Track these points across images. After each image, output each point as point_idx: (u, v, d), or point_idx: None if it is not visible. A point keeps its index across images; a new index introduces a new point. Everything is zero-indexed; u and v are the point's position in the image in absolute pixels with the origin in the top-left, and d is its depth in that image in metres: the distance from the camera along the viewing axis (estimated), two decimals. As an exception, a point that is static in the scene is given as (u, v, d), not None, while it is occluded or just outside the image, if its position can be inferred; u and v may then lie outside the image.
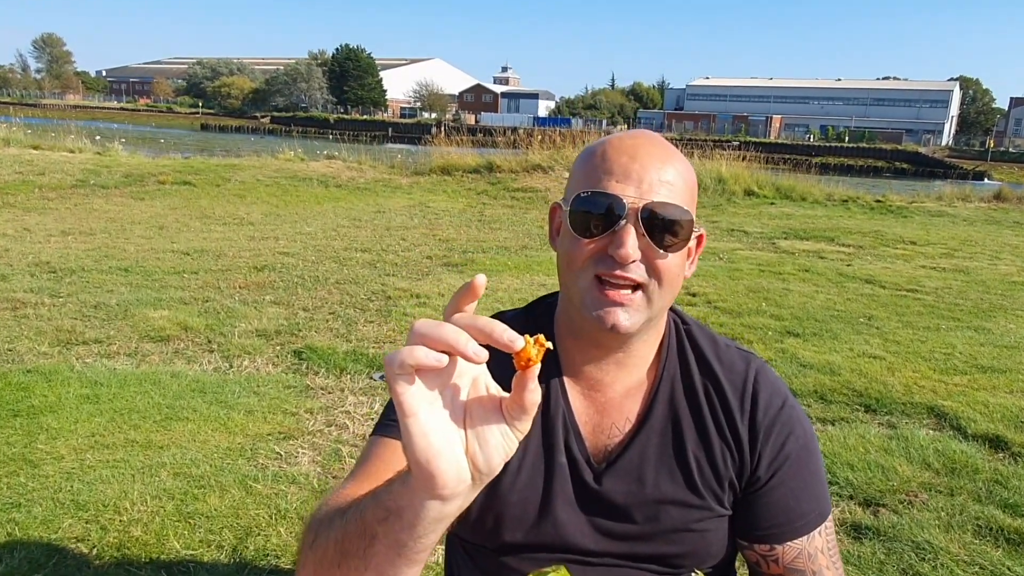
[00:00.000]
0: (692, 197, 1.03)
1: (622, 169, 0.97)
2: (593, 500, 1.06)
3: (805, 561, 1.06)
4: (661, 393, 1.08)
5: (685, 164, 1.03)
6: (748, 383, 1.08)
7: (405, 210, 10.01)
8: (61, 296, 5.04)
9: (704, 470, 1.06)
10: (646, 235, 0.96)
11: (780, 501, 1.06)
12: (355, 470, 1.06)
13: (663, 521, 1.05)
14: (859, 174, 26.64)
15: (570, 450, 1.07)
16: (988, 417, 3.40)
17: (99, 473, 2.66)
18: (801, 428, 1.09)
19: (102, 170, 11.42)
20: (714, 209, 11.14)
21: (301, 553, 0.90)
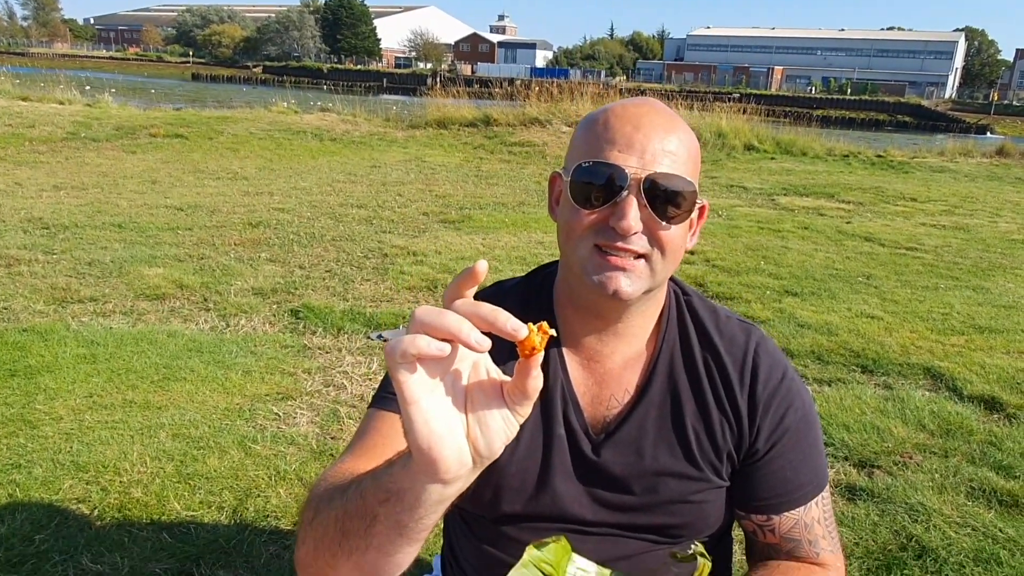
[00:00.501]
0: (695, 167, 1.01)
1: (625, 138, 0.95)
2: (591, 471, 1.06)
3: (801, 531, 1.07)
4: (660, 365, 1.07)
5: (689, 133, 1.00)
6: (748, 356, 1.08)
7: (401, 165, 9.89)
8: (55, 253, 5.00)
9: (703, 442, 1.06)
10: (648, 206, 0.94)
11: (778, 473, 1.06)
12: (354, 443, 1.05)
13: (661, 493, 1.06)
14: (861, 127, 26.35)
15: (568, 421, 1.06)
16: (984, 378, 3.42)
17: (98, 434, 2.66)
18: (800, 400, 1.09)
19: (93, 122, 11.22)
20: (713, 164, 11.03)
21: (301, 529, 0.90)
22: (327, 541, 0.83)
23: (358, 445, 1.03)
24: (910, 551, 2.15)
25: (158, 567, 1.97)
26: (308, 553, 0.87)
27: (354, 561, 0.82)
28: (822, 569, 1.07)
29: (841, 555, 1.12)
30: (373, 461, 0.93)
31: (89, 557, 2.00)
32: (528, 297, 1.13)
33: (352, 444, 1.05)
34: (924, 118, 33.66)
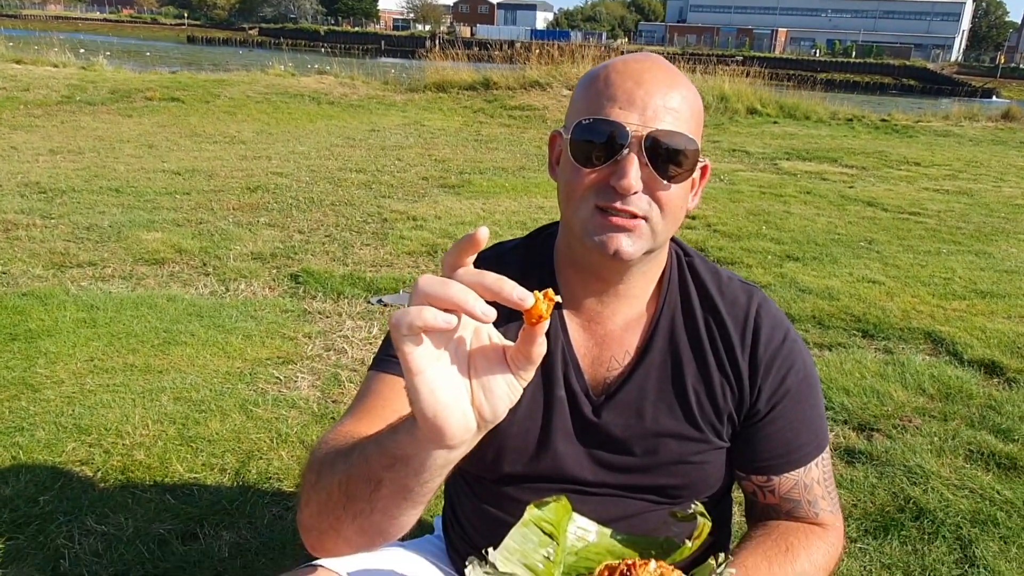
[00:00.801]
0: (698, 125, 0.99)
1: (626, 95, 0.93)
2: (592, 433, 1.06)
3: (801, 491, 1.08)
4: (661, 326, 1.07)
5: (692, 90, 0.98)
6: (750, 317, 1.07)
7: (400, 129, 9.78)
8: (53, 217, 4.97)
9: (703, 403, 1.05)
10: (649, 165, 0.92)
11: (779, 434, 1.06)
12: (355, 406, 1.05)
13: (662, 454, 1.06)
14: (865, 91, 26.03)
15: (569, 383, 1.06)
16: (985, 343, 3.42)
17: (100, 397, 2.67)
18: (802, 362, 1.08)
19: (88, 86, 11.07)
20: (716, 128, 10.92)
21: (304, 492, 0.90)
22: (331, 504, 0.84)
23: (359, 408, 1.03)
24: (908, 512, 2.17)
25: (162, 528, 1.99)
26: (312, 515, 0.87)
27: (359, 524, 0.83)
28: (821, 529, 1.08)
29: (840, 516, 1.12)
30: (374, 424, 0.94)
31: (93, 518, 2.02)
32: (528, 259, 1.12)
33: (353, 407, 1.05)
34: (929, 81, 33.23)
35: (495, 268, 1.11)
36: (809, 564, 1.02)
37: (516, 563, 0.90)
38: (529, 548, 0.92)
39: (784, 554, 1.02)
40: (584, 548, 0.97)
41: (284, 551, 1.92)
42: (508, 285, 0.65)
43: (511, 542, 0.90)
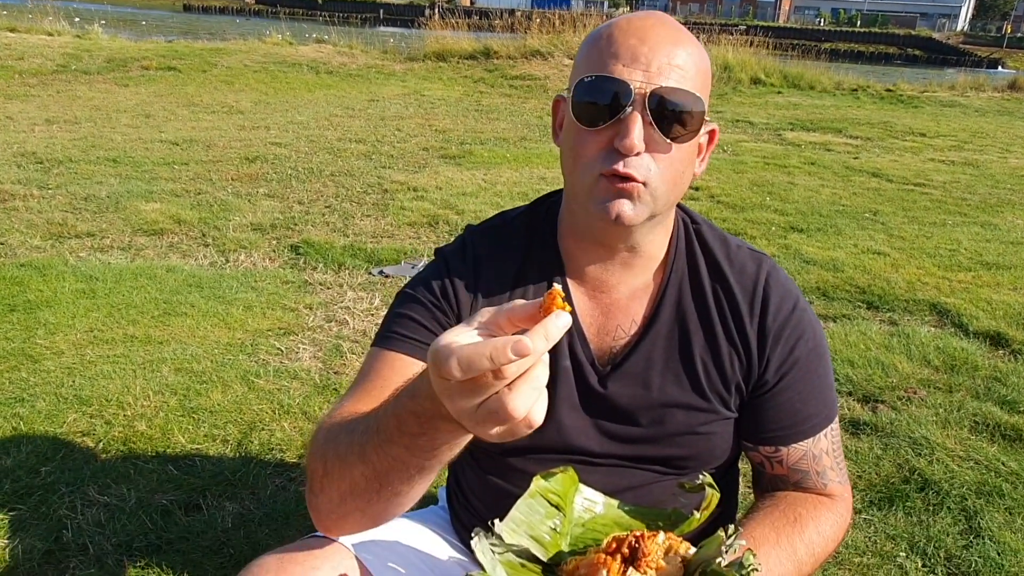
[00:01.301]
0: (705, 85, 0.95)
1: (630, 52, 0.89)
2: (598, 403, 1.04)
3: (809, 462, 1.06)
4: (668, 295, 1.04)
5: (699, 48, 0.95)
6: (759, 286, 1.04)
7: (399, 99, 9.67)
8: (50, 188, 4.92)
9: (711, 373, 1.04)
10: (653, 124, 0.89)
11: (787, 404, 1.04)
12: (357, 385, 1.02)
13: (668, 424, 1.04)
14: (870, 61, 25.72)
15: (574, 353, 1.04)
16: (990, 314, 3.40)
17: (100, 368, 2.65)
18: (811, 331, 1.06)
19: (83, 55, 10.92)
20: (719, 98, 10.79)
21: (315, 480, 0.88)
22: (358, 490, 0.83)
23: (361, 387, 1.00)
24: (913, 484, 2.16)
25: (164, 498, 1.98)
26: (331, 501, 0.86)
27: (391, 504, 0.84)
28: (830, 500, 1.06)
29: (848, 487, 1.11)
30: (376, 404, 0.91)
31: (96, 488, 2.01)
32: (532, 228, 1.10)
33: (355, 386, 1.03)
34: (935, 51, 32.82)
35: (501, 238, 1.09)
36: (817, 535, 1.01)
37: (523, 534, 0.89)
38: (536, 519, 0.91)
39: (792, 524, 1.00)
40: (591, 519, 0.96)
41: (287, 522, 1.92)
42: (519, 313, 0.63)
43: (517, 513, 0.89)
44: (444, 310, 1.03)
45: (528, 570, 0.87)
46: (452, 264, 1.07)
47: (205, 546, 1.82)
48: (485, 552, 0.83)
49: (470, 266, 1.06)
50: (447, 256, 1.09)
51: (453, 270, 1.06)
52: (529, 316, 0.62)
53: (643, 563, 0.79)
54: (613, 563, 0.80)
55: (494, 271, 1.06)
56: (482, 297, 1.04)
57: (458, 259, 1.07)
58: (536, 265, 1.06)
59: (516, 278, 1.06)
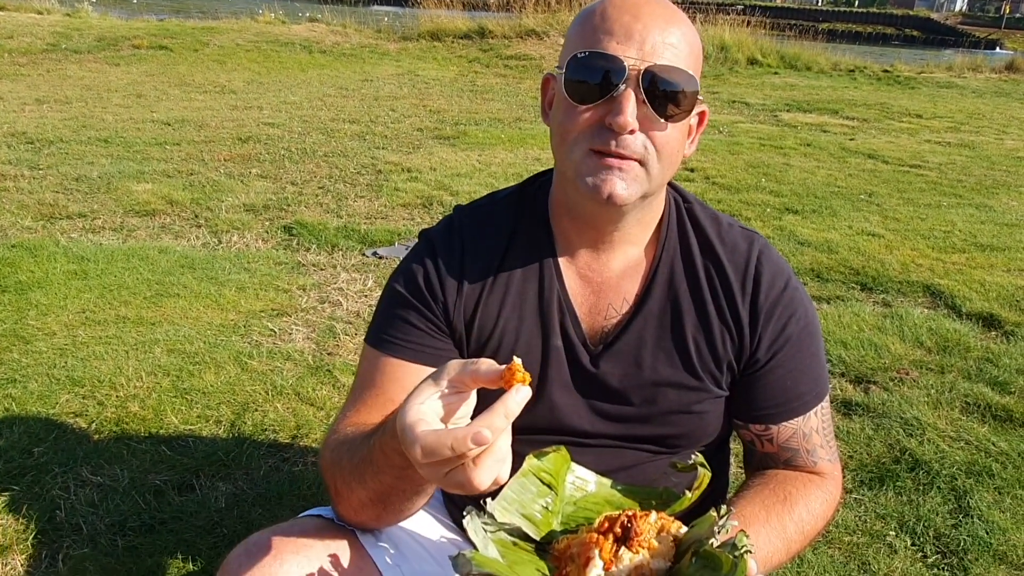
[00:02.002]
0: (697, 64, 0.94)
1: (623, 29, 0.89)
2: (590, 383, 1.05)
3: (799, 440, 1.06)
4: (660, 274, 1.04)
5: (691, 28, 0.94)
6: (751, 264, 1.04)
7: (393, 78, 9.59)
8: (41, 168, 4.87)
9: (703, 352, 1.04)
10: (647, 102, 0.88)
11: (778, 383, 1.05)
12: (357, 395, 1.04)
13: (660, 403, 1.04)
14: (867, 42, 25.59)
15: (566, 333, 1.04)
16: (983, 296, 3.41)
17: (92, 349, 2.64)
18: (803, 310, 1.06)
19: (73, 33, 10.78)
20: (715, 79, 10.73)
21: (332, 494, 0.96)
22: (368, 507, 0.92)
23: (360, 397, 1.02)
24: (903, 464, 2.18)
25: (158, 479, 1.98)
26: (351, 511, 0.95)
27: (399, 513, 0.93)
28: (820, 478, 1.07)
29: (839, 465, 1.12)
30: (376, 415, 0.98)
31: (89, 469, 2.01)
32: (521, 208, 1.09)
33: (356, 394, 1.04)
34: (933, 32, 32.65)
35: (488, 218, 1.09)
36: (807, 512, 1.02)
37: (514, 513, 0.89)
38: (527, 498, 0.91)
39: (782, 503, 1.01)
40: (583, 498, 0.96)
41: (281, 501, 1.92)
42: (483, 375, 0.69)
43: (509, 492, 0.89)
44: (431, 307, 1.04)
45: (520, 548, 0.87)
46: (438, 249, 1.06)
47: (198, 526, 1.82)
48: (477, 531, 0.83)
49: (456, 250, 1.06)
50: (433, 240, 1.08)
51: (439, 256, 1.05)
52: (491, 380, 0.69)
53: (635, 542, 0.79)
54: (605, 542, 0.79)
55: (480, 253, 1.06)
56: (467, 282, 1.04)
57: (444, 243, 1.07)
58: (525, 245, 1.06)
59: (503, 259, 1.06)
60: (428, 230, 1.11)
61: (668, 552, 0.81)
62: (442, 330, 1.04)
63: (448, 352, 1.03)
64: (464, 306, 1.04)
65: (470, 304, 1.04)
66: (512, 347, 1.03)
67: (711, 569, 0.76)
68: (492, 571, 0.77)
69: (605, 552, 0.79)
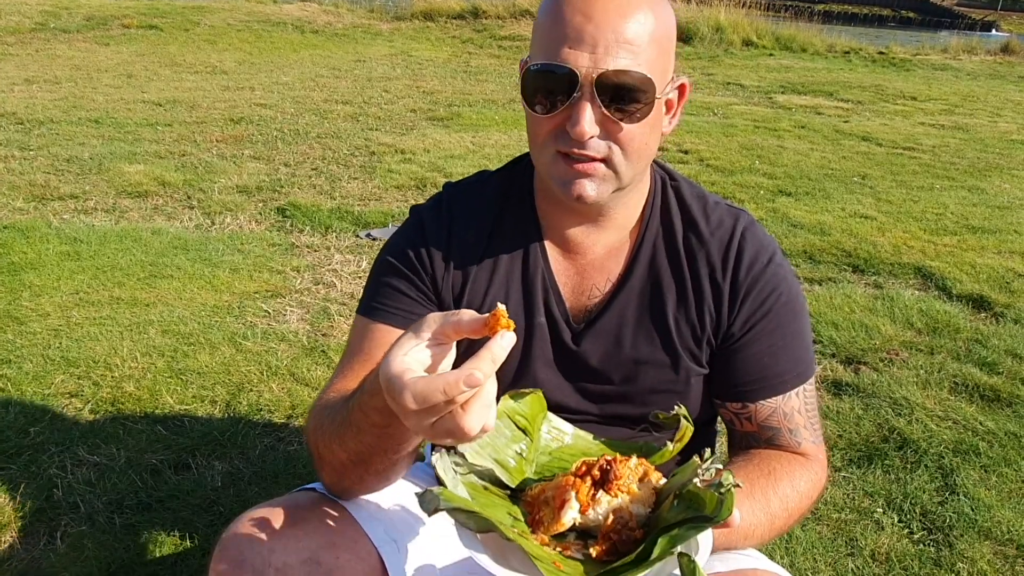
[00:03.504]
0: (661, 50, 0.92)
1: (575, 31, 0.87)
2: (572, 360, 1.06)
3: (780, 419, 1.05)
4: (642, 254, 1.05)
5: (653, 11, 0.90)
6: (734, 239, 1.04)
7: (387, 59, 9.51)
8: (31, 149, 4.84)
9: (683, 331, 1.04)
10: (603, 107, 0.88)
11: (755, 358, 1.04)
12: (346, 362, 1.05)
13: (640, 382, 1.05)
14: (863, 23, 25.48)
15: (550, 310, 1.05)
16: (974, 278, 3.43)
17: (87, 330, 2.64)
18: (786, 287, 1.05)
19: (62, 12, 10.64)
20: (710, 61, 10.68)
21: (315, 461, 0.97)
22: (349, 471, 0.92)
23: (349, 364, 1.04)
24: (892, 443, 2.21)
25: (154, 458, 2.00)
26: (332, 479, 0.96)
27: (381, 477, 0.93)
28: (803, 458, 1.06)
29: (823, 448, 1.10)
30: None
31: (85, 448, 2.02)
32: (508, 189, 1.10)
33: (345, 361, 1.05)
34: (929, 14, 32.50)
35: (477, 197, 1.09)
36: (792, 489, 1.01)
37: (487, 457, 0.87)
38: (501, 443, 0.90)
39: (766, 477, 1.00)
40: (558, 449, 0.95)
41: (277, 480, 1.94)
42: (466, 325, 0.69)
43: None
44: (421, 276, 1.05)
45: (491, 492, 0.84)
46: (427, 224, 1.08)
47: (195, 504, 1.84)
48: (447, 470, 0.80)
49: (445, 225, 1.07)
50: (423, 215, 1.09)
51: (428, 231, 1.07)
52: (474, 329, 0.68)
53: (614, 486, 0.76)
54: (582, 484, 0.76)
55: (468, 231, 1.07)
56: (456, 258, 1.06)
57: (433, 219, 1.08)
58: (511, 224, 1.07)
59: (490, 237, 1.07)
60: (418, 206, 1.12)
61: (648, 498, 0.77)
62: (431, 300, 1.06)
63: None
64: (452, 281, 1.06)
65: (458, 280, 1.06)
66: None
67: (694, 509, 0.73)
68: (461, 506, 0.73)
69: (582, 494, 0.75)
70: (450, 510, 0.72)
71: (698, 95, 8.09)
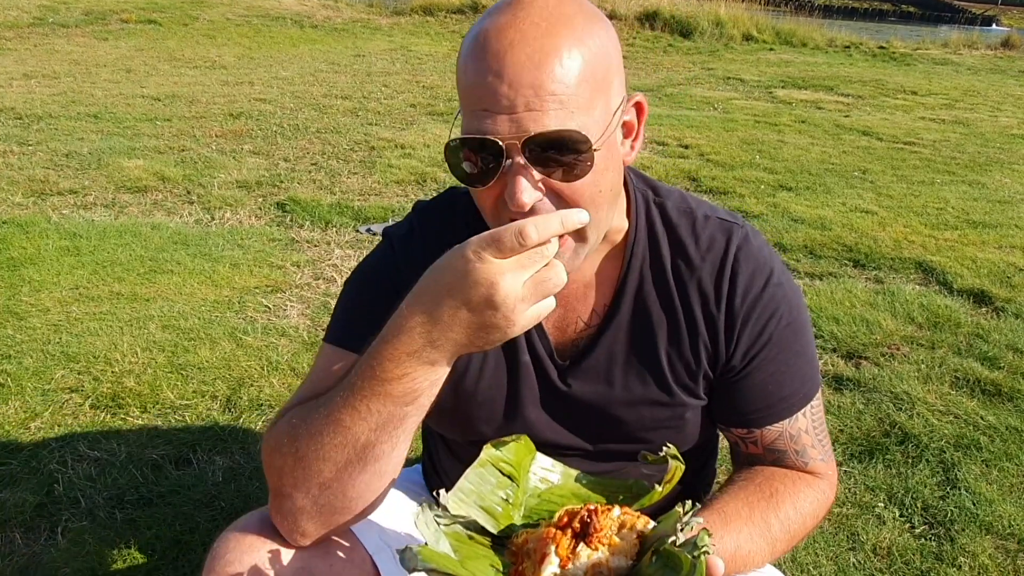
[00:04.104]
0: (596, 85, 0.80)
1: (491, 94, 0.77)
2: (560, 400, 1.00)
3: (786, 442, 1.00)
4: (628, 284, 0.97)
5: (576, 45, 0.78)
6: (727, 262, 0.96)
7: (386, 54, 9.49)
8: (30, 144, 4.83)
9: (676, 367, 0.98)
10: (539, 171, 0.79)
11: (759, 387, 0.98)
12: (308, 384, 0.95)
13: (634, 420, 1.00)
14: (864, 17, 25.43)
15: (533, 348, 0.99)
16: (975, 272, 3.43)
17: (87, 325, 2.64)
18: (786, 307, 0.98)
19: (60, 7, 10.62)
20: (711, 55, 10.67)
21: (286, 477, 0.85)
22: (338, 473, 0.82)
23: (312, 387, 0.94)
24: (893, 437, 2.21)
25: (154, 453, 2.00)
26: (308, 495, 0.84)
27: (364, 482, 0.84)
28: (809, 477, 1.01)
29: (833, 464, 1.05)
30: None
31: (86, 444, 2.02)
32: (476, 216, 0.98)
33: (307, 384, 0.96)
34: (929, 8, 32.42)
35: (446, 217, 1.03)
36: (794, 511, 0.96)
37: (472, 505, 0.85)
38: (486, 490, 0.87)
39: (767, 500, 0.96)
40: (547, 490, 0.92)
41: (278, 475, 1.94)
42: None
43: (466, 483, 0.85)
44: (393, 302, 0.86)
45: (476, 542, 0.83)
46: (399, 251, 1.01)
47: (196, 499, 1.84)
48: (428, 524, 0.79)
49: (418, 250, 0.98)
50: (394, 242, 1.02)
51: (400, 257, 1.00)
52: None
53: (595, 539, 0.75)
54: (563, 538, 0.75)
55: (440, 254, 1.00)
56: None
57: (404, 245, 1.01)
58: None
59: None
60: (390, 229, 1.05)
61: (631, 549, 0.76)
62: None
63: None
64: None
65: None
66: (480, 366, 0.99)
67: (671, 569, 0.72)
68: (440, 567, 0.73)
69: (562, 548, 0.75)
70: (427, 571, 0.72)
71: (698, 90, 8.08)
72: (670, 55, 10.59)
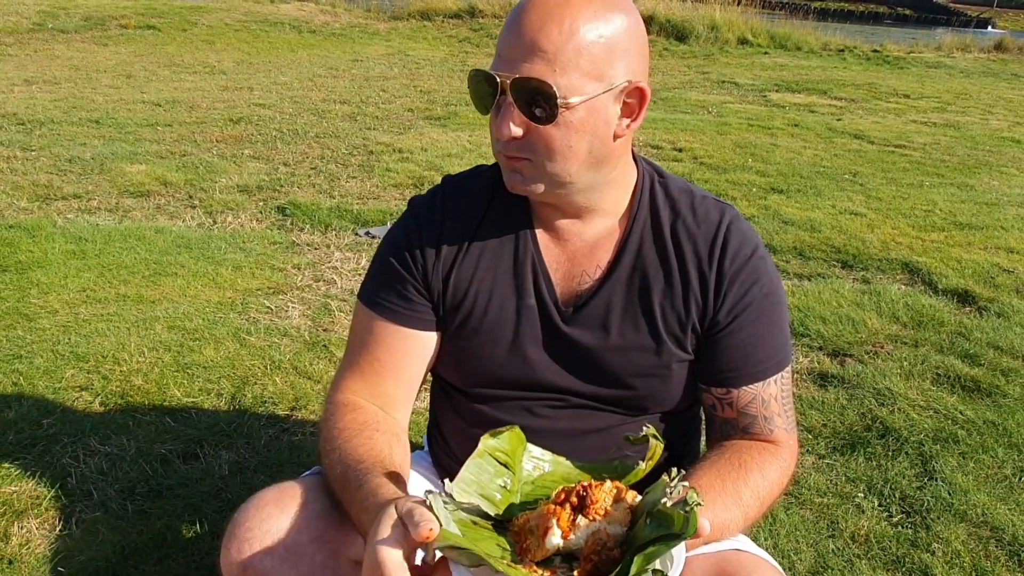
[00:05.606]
0: (593, 58, 0.96)
1: (505, 44, 0.98)
2: (560, 342, 1.12)
3: (758, 406, 1.12)
4: (630, 244, 1.11)
5: (585, 20, 0.95)
6: (720, 231, 1.10)
7: (384, 59, 9.58)
8: (33, 150, 4.90)
9: (668, 318, 1.10)
10: (520, 110, 0.97)
11: (739, 346, 1.10)
12: (351, 355, 1.16)
13: (626, 366, 1.11)
14: (859, 20, 25.56)
15: (540, 293, 1.12)
16: (960, 273, 3.52)
17: (95, 326, 2.72)
18: (768, 278, 1.11)
19: (59, 12, 10.69)
20: (706, 59, 10.76)
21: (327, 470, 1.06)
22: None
23: (353, 360, 1.14)
24: (874, 431, 2.29)
25: (163, 448, 2.07)
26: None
27: None
28: (775, 447, 1.12)
29: (795, 436, 1.16)
30: (383, 382, 1.12)
31: (97, 439, 2.09)
32: (499, 180, 1.14)
33: (354, 356, 1.15)
34: (925, 11, 32.53)
35: (471, 186, 1.18)
36: (762, 479, 1.06)
37: (473, 493, 0.92)
38: (485, 479, 0.95)
39: (737, 470, 1.05)
40: (540, 477, 1.00)
41: (282, 468, 2.02)
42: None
43: (467, 474, 0.93)
44: (413, 271, 1.14)
45: (479, 527, 0.90)
46: (421, 215, 1.16)
47: (204, 491, 1.92)
48: (440, 509, 0.86)
49: (437, 215, 1.15)
50: (418, 208, 1.18)
51: (422, 221, 1.15)
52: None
53: (591, 510, 0.82)
54: (563, 512, 0.82)
55: (458, 219, 1.15)
56: (445, 246, 1.13)
57: (426, 210, 1.17)
58: (502, 213, 1.14)
59: (479, 224, 1.14)
60: (416, 197, 1.21)
61: (624, 518, 0.84)
62: (423, 294, 1.13)
63: (428, 315, 1.13)
64: (441, 268, 1.13)
65: (446, 266, 1.13)
66: (485, 305, 1.12)
67: (665, 527, 0.80)
68: (456, 544, 0.79)
69: (563, 521, 0.82)
70: (444, 548, 0.80)
71: (693, 94, 8.17)
72: (666, 59, 10.69)
